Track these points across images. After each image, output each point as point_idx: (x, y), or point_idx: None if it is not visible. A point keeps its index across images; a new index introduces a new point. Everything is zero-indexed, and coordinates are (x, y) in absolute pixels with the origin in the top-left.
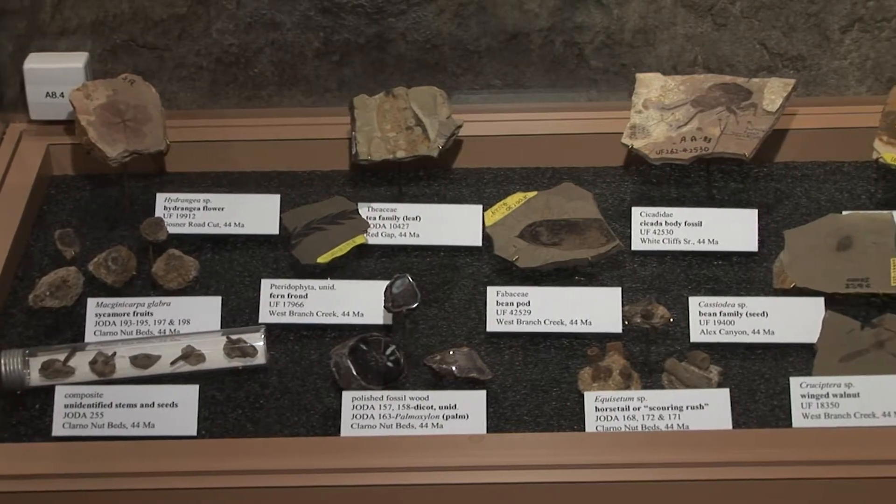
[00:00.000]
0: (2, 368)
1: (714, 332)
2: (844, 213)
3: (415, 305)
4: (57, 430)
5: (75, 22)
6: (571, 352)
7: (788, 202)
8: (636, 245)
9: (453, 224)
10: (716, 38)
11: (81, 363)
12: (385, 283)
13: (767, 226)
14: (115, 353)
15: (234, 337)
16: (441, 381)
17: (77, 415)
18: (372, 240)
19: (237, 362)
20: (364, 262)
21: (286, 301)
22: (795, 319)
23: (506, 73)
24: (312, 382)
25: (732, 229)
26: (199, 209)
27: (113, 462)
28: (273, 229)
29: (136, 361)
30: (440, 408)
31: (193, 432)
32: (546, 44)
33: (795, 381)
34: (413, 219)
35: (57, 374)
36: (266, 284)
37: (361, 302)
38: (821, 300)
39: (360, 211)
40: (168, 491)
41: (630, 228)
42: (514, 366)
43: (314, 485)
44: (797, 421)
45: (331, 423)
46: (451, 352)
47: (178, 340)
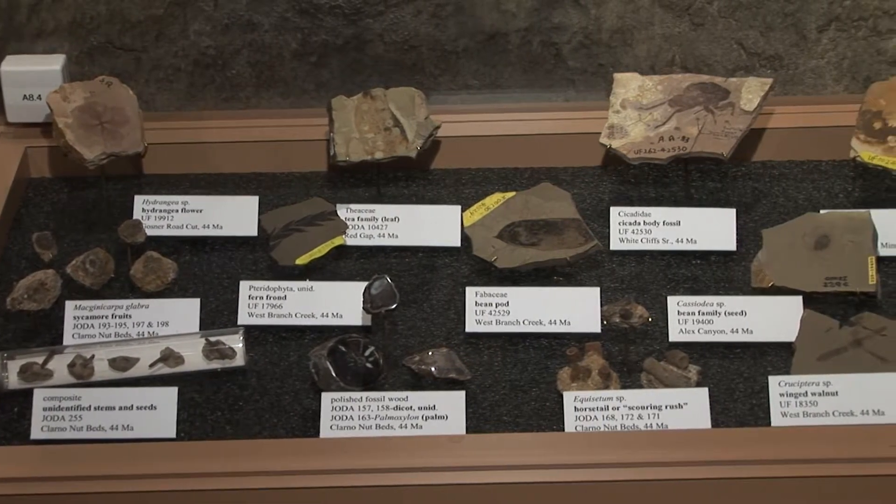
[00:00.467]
0: None
1: (693, 332)
2: (822, 212)
3: (393, 306)
4: (35, 434)
5: (52, 24)
6: (550, 352)
7: (766, 201)
8: (615, 245)
9: (432, 225)
10: (693, 38)
11: (60, 366)
12: (364, 285)
13: (745, 225)
14: (94, 356)
15: (213, 339)
16: (420, 382)
17: (56, 418)
18: (350, 241)
19: (216, 364)
20: (343, 264)
21: (265, 303)
22: (774, 318)
23: (484, 74)
24: (291, 384)
25: (711, 229)
26: (178, 211)
27: (92, 465)
28: (251, 231)
29: (115, 364)
30: (419, 408)
31: (172, 434)
32: (524, 44)
33: (774, 380)
34: (391, 220)
35: (35, 378)
36: (245, 286)
37: (340, 303)
38: (799, 299)
39: (339, 212)
40: (147, 493)
41: (608, 228)
42: (493, 366)
43: (294, 486)
44: (776, 420)
45: (310, 425)
46: (430, 352)
47: (157, 343)
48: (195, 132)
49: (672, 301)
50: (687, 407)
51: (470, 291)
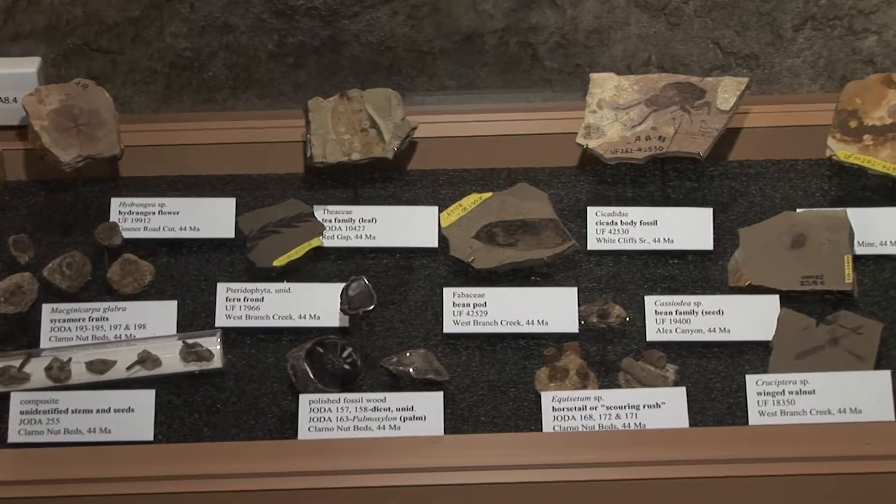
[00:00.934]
0: None
1: (670, 331)
2: (798, 211)
3: (371, 307)
4: (13, 437)
5: (28, 27)
6: (528, 352)
7: (743, 200)
8: (592, 245)
9: (409, 226)
10: (669, 38)
11: (37, 369)
12: (341, 286)
13: (722, 224)
14: (71, 359)
15: (191, 341)
16: (398, 383)
17: (33, 421)
18: (328, 242)
19: (193, 366)
20: (320, 265)
21: (242, 304)
22: (751, 317)
23: (460, 75)
24: (269, 386)
25: (688, 228)
26: (154, 213)
27: (70, 468)
28: (228, 233)
29: (92, 367)
30: (397, 409)
31: (150, 437)
32: (500, 45)
33: (751, 379)
34: (369, 221)
35: (12, 381)
36: (222, 288)
37: (318, 305)
38: (776, 298)
39: (316, 213)
40: (125, 496)
41: (586, 228)
42: (471, 367)
43: (272, 488)
44: (753, 418)
45: (288, 427)
46: (408, 353)
47: (134, 345)
48: (172, 134)
49: (649, 301)
50: (665, 406)
51: (447, 292)
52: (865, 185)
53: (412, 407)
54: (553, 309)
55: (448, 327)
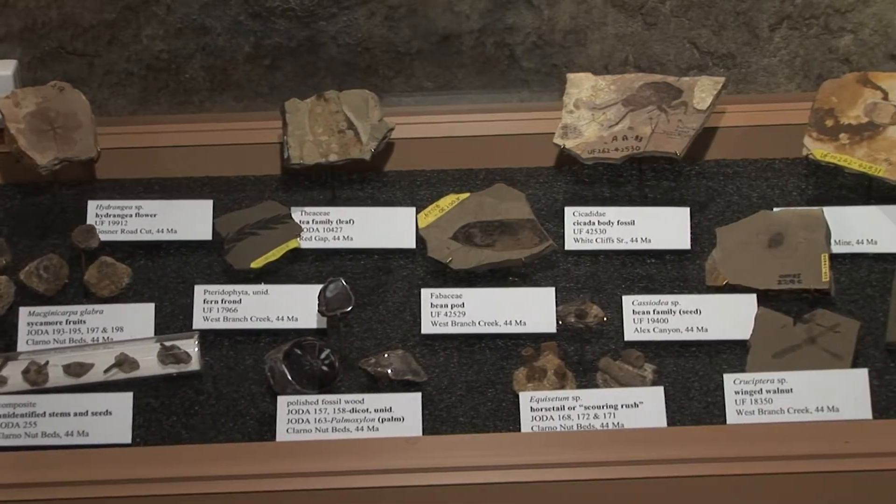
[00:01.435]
0: None
1: (648, 331)
2: (775, 210)
3: (349, 309)
4: None
5: (3, 30)
6: (506, 352)
7: (720, 200)
8: (569, 245)
9: (387, 227)
10: (646, 38)
11: (14, 373)
12: (319, 287)
13: (700, 223)
14: (48, 362)
15: (168, 343)
16: (376, 384)
17: (10, 424)
18: (305, 244)
19: (171, 369)
20: (298, 267)
21: (220, 307)
22: (728, 316)
23: (437, 76)
24: (247, 388)
25: (665, 228)
26: (132, 216)
27: (47, 471)
28: (206, 235)
29: (70, 370)
30: (375, 411)
31: (128, 440)
32: (477, 45)
33: (729, 378)
34: (346, 222)
35: None
36: (199, 290)
37: (295, 306)
38: (753, 297)
39: (293, 215)
40: (103, 500)
41: (563, 228)
42: (449, 367)
43: (250, 490)
44: (731, 417)
45: (266, 429)
46: (386, 354)
47: (112, 348)
48: (149, 137)
49: (627, 300)
50: (643, 406)
51: (425, 293)
52: (842, 184)
53: (390, 408)
54: (531, 309)
55: (426, 328)
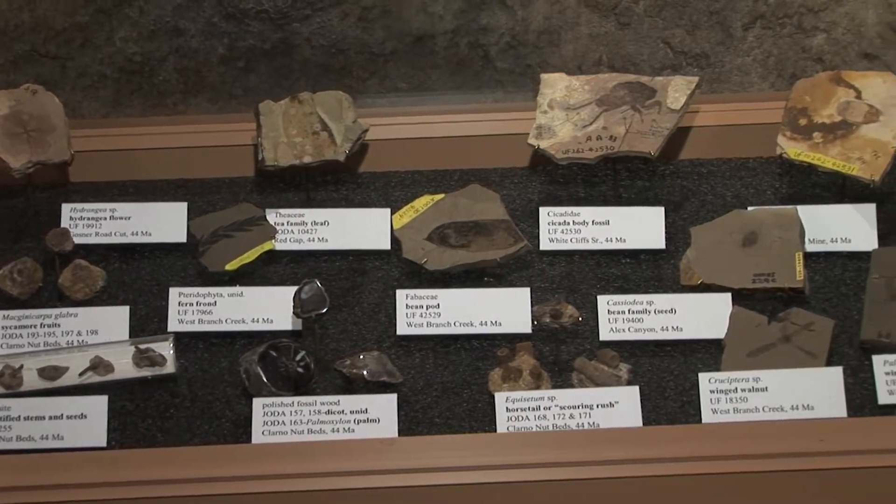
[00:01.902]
0: None
1: (623, 330)
2: (749, 209)
3: (324, 310)
4: None
5: None
6: (482, 353)
7: (694, 199)
8: (544, 245)
9: (361, 228)
10: (620, 38)
11: None
12: (294, 289)
13: (674, 223)
14: (23, 366)
15: (143, 346)
16: (352, 386)
17: None
18: (280, 245)
19: (146, 372)
20: (272, 269)
21: (195, 309)
22: (703, 315)
23: (411, 76)
24: (222, 390)
25: (640, 227)
26: (106, 219)
27: (22, 475)
28: (180, 237)
29: (44, 373)
30: (351, 412)
31: (103, 443)
32: (451, 46)
33: (704, 377)
34: (321, 224)
35: None
36: (174, 293)
37: (270, 308)
38: (728, 296)
39: (268, 217)
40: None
41: (538, 228)
42: (425, 368)
43: (226, 493)
44: (707, 416)
45: (242, 431)
46: (362, 356)
47: (86, 351)
48: (122, 139)
49: (602, 300)
50: (618, 405)
51: (400, 294)
52: (816, 183)
53: (366, 409)
54: (506, 309)
55: (401, 329)
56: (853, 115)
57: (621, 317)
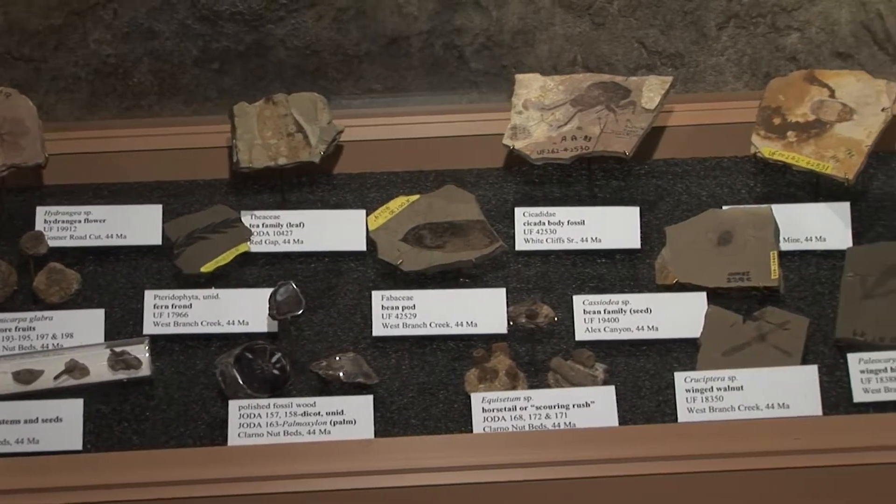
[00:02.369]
0: None
1: (599, 330)
2: (724, 208)
3: (300, 312)
4: None
5: None
6: (458, 354)
7: (669, 198)
8: (520, 245)
9: (337, 229)
10: (594, 38)
11: None
12: (269, 291)
13: (649, 223)
14: None
15: (118, 349)
16: (328, 387)
17: None
18: (255, 247)
19: (122, 375)
20: (248, 270)
21: (170, 311)
22: (678, 315)
23: (386, 78)
24: (198, 392)
25: (615, 227)
26: (80, 221)
27: None
28: (155, 240)
29: (19, 377)
30: (327, 414)
31: (79, 447)
32: (426, 47)
33: (680, 376)
34: (296, 225)
35: None
36: (149, 295)
37: (246, 310)
38: (703, 295)
39: (243, 219)
40: None
41: (513, 229)
42: (401, 369)
43: (203, 495)
44: (682, 415)
45: (218, 433)
46: (338, 357)
47: (62, 354)
48: (97, 142)
49: (578, 300)
50: (594, 405)
51: (376, 295)
52: (790, 182)
53: (342, 411)
54: (482, 310)
55: (377, 330)
56: (827, 114)
57: (597, 317)
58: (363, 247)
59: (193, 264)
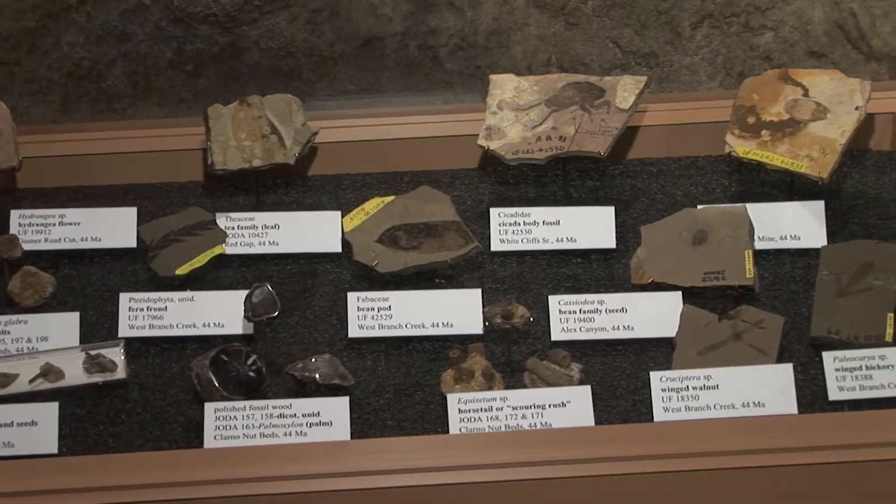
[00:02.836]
0: None
1: (574, 330)
2: (699, 208)
3: (275, 314)
4: None
5: None
6: (433, 355)
7: (644, 198)
8: (495, 246)
9: (312, 231)
10: (569, 38)
11: None
12: (245, 293)
13: (625, 222)
14: None
15: (94, 352)
16: (304, 389)
17: None
18: (230, 249)
19: (97, 378)
20: (223, 273)
21: (145, 314)
22: (654, 314)
23: (361, 79)
24: (174, 395)
25: (590, 227)
26: (55, 225)
27: None
28: (130, 242)
29: None
30: (303, 415)
31: (54, 450)
32: (400, 48)
33: (655, 376)
34: (271, 227)
35: None
36: (125, 298)
37: (221, 312)
38: (678, 294)
39: (218, 221)
40: None
41: (489, 229)
42: (377, 371)
43: (179, 498)
44: (658, 415)
45: (194, 436)
46: (313, 359)
47: (36, 358)
48: (71, 144)
49: (553, 300)
50: (570, 405)
51: (352, 297)
52: (764, 181)
53: (318, 412)
54: (457, 311)
55: (353, 332)
56: (801, 113)
57: (572, 316)
58: (338, 248)
59: (168, 267)
